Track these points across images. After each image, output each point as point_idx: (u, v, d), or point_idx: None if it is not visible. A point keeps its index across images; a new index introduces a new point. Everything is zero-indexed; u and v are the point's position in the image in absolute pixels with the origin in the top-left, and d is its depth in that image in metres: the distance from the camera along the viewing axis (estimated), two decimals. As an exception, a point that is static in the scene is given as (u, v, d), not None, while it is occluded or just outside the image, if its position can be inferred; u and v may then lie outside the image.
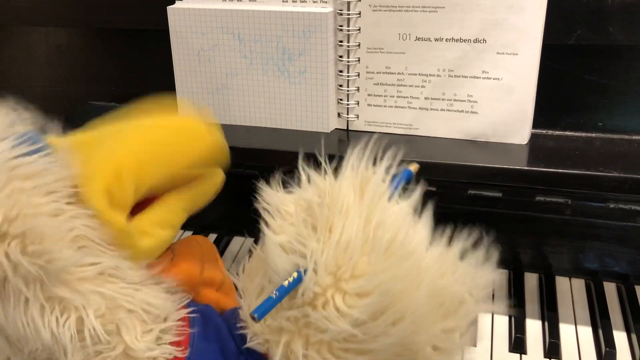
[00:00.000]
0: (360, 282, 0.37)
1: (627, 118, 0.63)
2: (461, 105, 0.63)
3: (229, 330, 0.43)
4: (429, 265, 0.39)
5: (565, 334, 0.62)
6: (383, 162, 0.43)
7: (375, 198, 0.40)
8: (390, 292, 0.36)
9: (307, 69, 0.65)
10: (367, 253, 0.38)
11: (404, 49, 0.63)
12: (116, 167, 0.39)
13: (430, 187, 0.66)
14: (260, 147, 0.66)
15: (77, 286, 0.37)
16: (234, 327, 0.43)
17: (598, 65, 0.62)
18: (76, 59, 0.78)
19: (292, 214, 0.40)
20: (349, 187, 0.40)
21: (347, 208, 0.39)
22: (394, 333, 0.37)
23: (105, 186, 0.39)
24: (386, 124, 0.67)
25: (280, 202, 0.41)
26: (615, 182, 0.57)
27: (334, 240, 0.38)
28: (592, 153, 0.61)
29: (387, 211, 0.40)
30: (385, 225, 0.39)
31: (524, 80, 0.60)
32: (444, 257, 0.41)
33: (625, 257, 0.67)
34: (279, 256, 0.39)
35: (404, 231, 0.39)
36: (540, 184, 0.60)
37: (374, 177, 0.41)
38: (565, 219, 0.66)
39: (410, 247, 0.39)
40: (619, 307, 0.66)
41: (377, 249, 0.38)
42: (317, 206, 0.39)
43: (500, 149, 0.63)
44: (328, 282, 0.37)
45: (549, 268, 0.70)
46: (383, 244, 0.38)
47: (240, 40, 0.66)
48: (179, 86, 0.71)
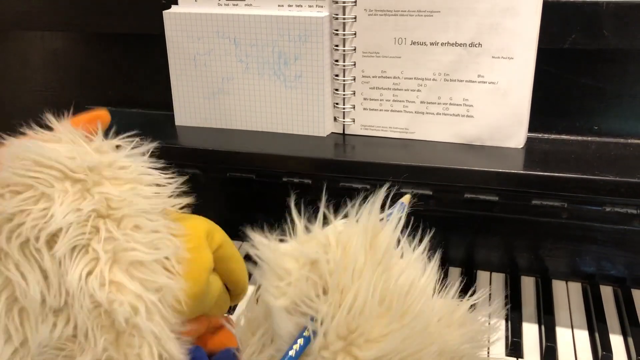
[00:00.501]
0: (376, 348, 0.34)
1: (623, 121, 0.63)
2: (457, 109, 0.63)
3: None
4: (443, 321, 0.38)
5: (561, 338, 0.62)
6: (393, 214, 0.40)
7: (389, 254, 0.38)
8: (404, 353, 0.35)
9: (303, 73, 0.65)
10: (382, 316, 0.35)
11: (399, 53, 0.63)
12: (210, 227, 0.47)
13: (426, 191, 0.67)
14: (257, 151, 0.66)
15: (136, 284, 0.39)
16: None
17: (593, 69, 0.62)
18: (72, 63, 0.78)
19: (291, 271, 0.37)
20: (359, 241, 0.37)
21: (360, 267, 0.36)
22: None
23: (205, 228, 0.46)
24: (382, 127, 0.67)
25: (276, 259, 0.38)
26: (611, 185, 0.57)
27: (347, 303, 0.35)
28: (588, 157, 0.61)
29: (401, 268, 0.38)
30: (401, 284, 0.36)
31: (519, 84, 0.60)
32: (453, 311, 0.39)
33: (622, 260, 0.67)
34: (283, 321, 0.36)
35: (417, 288, 0.37)
36: (536, 188, 0.60)
37: (385, 229, 0.38)
38: (561, 223, 0.66)
39: (424, 304, 0.37)
40: (616, 311, 0.66)
41: (394, 312, 0.35)
42: (324, 264, 0.36)
43: (496, 152, 0.63)
44: (339, 347, 0.35)
45: (545, 271, 0.70)
46: (400, 305, 0.36)
47: (236, 45, 0.66)
48: (174, 90, 0.71)
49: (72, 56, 0.78)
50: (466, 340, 0.38)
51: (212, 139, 0.69)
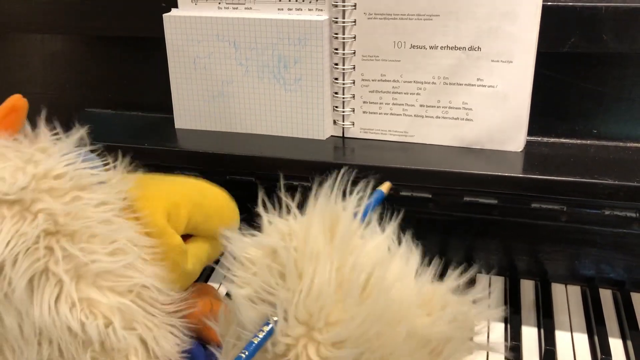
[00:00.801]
0: (336, 331, 0.34)
1: (622, 125, 0.64)
2: (456, 113, 0.63)
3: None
4: (409, 303, 0.37)
5: (561, 341, 0.62)
6: (353, 196, 0.40)
7: (347, 238, 0.37)
8: (366, 336, 0.34)
9: (302, 77, 0.65)
10: (341, 299, 0.35)
11: (399, 57, 0.63)
12: (175, 199, 0.46)
13: (425, 194, 0.67)
14: (256, 154, 0.66)
15: (107, 294, 0.39)
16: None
17: (592, 73, 0.62)
18: (72, 66, 0.78)
19: (255, 261, 0.38)
20: (318, 228, 0.37)
21: (317, 252, 0.36)
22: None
23: (166, 208, 0.44)
24: (381, 131, 0.67)
25: (241, 249, 0.38)
26: (610, 189, 0.57)
27: (305, 287, 0.35)
28: (587, 160, 0.61)
29: (361, 251, 0.37)
30: (359, 267, 0.36)
31: (518, 88, 0.60)
32: (430, 292, 0.38)
33: (621, 263, 0.67)
34: (246, 309, 0.36)
35: (379, 270, 0.36)
36: (536, 192, 0.60)
37: (344, 214, 0.38)
38: (561, 226, 0.66)
39: (386, 285, 0.36)
40: (615, 314, 0.66)
41: (351, 294, 0.35)
42: (284, 251, 0.36)
43: (495, 156, 0.63)
44: (300, 332, 0.35)
45: (545, 275, 0.70)
46: (357, 287, 0.35)
47: (236, 48, 0.66)
48: (174, 93, 0.71)
49: (72, 59, 0.78)
50: (446, 322, 0.37)
51: (211, 142, 0.69)
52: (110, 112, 0.78)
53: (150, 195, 0.45)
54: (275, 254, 0.37)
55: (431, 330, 0.37)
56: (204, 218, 0.48)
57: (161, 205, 0.44)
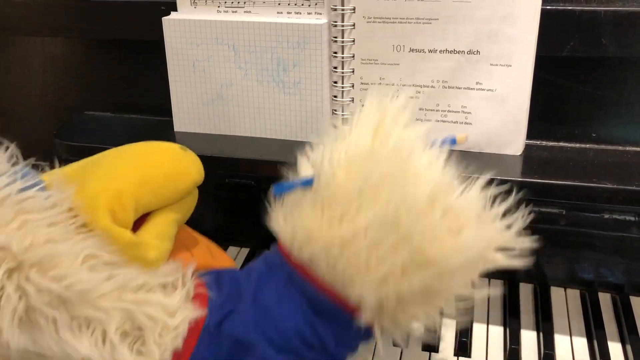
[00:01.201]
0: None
1: (621, 129, 0.64)
2: (455, 116, 0.63)
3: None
4: (429, 172, 0.42)
5: (560, 345, 0.62)
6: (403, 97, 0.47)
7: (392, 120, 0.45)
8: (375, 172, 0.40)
9: (301, 80, 0.65)
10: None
11: (398, 60, 0.63)
12: (116, 190, 0.43)
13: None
14: (256, 157, 0.66)
15: (100, 303, 0.39)
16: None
17: (591, 77, 0.62)
18: (72, 69, 0.78)
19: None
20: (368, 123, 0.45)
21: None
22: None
23: (108, 207, 0.42)
24: (381, 134, 0.67)
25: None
26: (609, 193, 0.57)
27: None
28: (586, 164, 0.61)
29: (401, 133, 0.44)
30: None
31: (517, 92, 0.60)
32: (459, 186, 0.43)
33: (621, 267, 0.67)
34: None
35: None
36: (535, 195, 0.60)
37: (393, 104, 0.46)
38: (559, 229, 0.65)
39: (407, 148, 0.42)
40: (614, 318, 0.65)
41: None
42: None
43: (494, 159, 0.63)
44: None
45: (543, 278, 0.70)
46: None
47: (235, 51, 0.66)
48: (173, 96, 0.71)
49: (72, 62, 0.78)
50: (469, 204, 0.41)
51: (210, 145, 0.69)
52: (110, 115, 0.78)
53: (89, 194, 0.43)
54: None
55: (451, 203, 0.40)
56: (154, 193, 0.46)
57: (100, 203, 0.42)
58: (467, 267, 0.40)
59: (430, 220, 0.38)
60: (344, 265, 0.40)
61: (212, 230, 0.80)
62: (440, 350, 0.62)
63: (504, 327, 0.65)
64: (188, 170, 0.49)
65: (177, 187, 0.48)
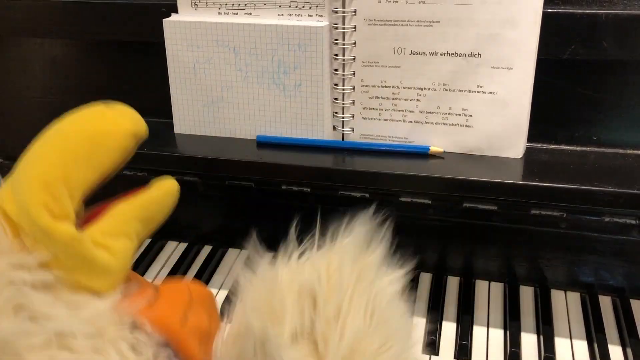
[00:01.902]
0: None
1: (622, 132, 0.64)
2: (456, 119, 0.63)
3: None
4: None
5: (560, 348, 0.62)
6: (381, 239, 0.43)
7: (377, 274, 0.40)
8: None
9: (302, 82, 0.65)
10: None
11: (399, 63, 0.63)
12: (41, 180, 0.36)
13: (425, 200, 0.67)
14: (256, 160, 0.66)
15: (26, 356, 0.34)
16: None
17: (592, 80, 0.62)
18: (71, 70, 0.78)
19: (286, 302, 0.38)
20: (348, 266, 0.39)
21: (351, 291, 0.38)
22: None
23: (41, 201, 0.36)
24: (381, 137, 0.67)
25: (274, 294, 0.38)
26: (610, 196, 0.57)
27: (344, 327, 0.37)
28: (587, 167, 0.61)
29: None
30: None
31: (518, 95, 0.60)
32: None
33: (621, 270, 0.67)
34: (288, 352, 0.36)
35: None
36: (535, 199, 0.60)
37: (373, 258, 0.41)
38: (560, 232, 0.66)
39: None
40: (615, 321, 0.65)
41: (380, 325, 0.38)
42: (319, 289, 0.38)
43: (495, 162, 0.63)
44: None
45: (544, 281, 0.70)
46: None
47: (235, 54, 0.66)
48: (174, 98, 0.71)
49: (72, 64, 0.78)
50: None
51: (211, 147, 0.69)
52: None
53: (18, 196, 0.36)
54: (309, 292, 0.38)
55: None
56: (84, 164, 0.38)
57: (33, 200, 0.36)
58: None
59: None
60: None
61: (212, 232, 0.80)
62: (440, 353, 0.62)
63: (504, 330, 0.65)
64: (117, 122, 0.40)
65: (110, 146, 0.39)
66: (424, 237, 0.71)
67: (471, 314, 0.66)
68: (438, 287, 0.70)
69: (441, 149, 0.64)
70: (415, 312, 0.67)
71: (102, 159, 0.39)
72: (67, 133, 0.39)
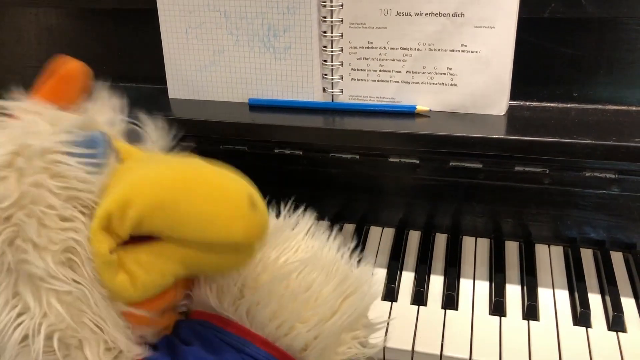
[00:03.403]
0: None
1: (601, 89, 0.66)
2: (441, 78, 0.65)
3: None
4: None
5: (543, 297, 0.65)
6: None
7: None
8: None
9: (292, 45, 0.67)
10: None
11: (385, 24, 0.65)
12: (127, 197, 0.36)
13: (413, 160, 0.69)
14: (248, 121, 0.68)
15: (44, 296, 0.37)
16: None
17: (572, 38, 0.64)
18: (67, 39, 0.79)
19: None
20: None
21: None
22: None
23: (107, 210, 0.36)
24: (370, 97, 0.69)
25: None
26: (588, 148, 0.59)
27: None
28: (567, 122, 0.63)
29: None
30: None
31: (501, 53, 0.62)
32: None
33: (602, 224, 0.69)
34: None
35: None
36: (518, 152, 0.62)
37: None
38: (544, 188, 0.68)
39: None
40: (595, 272, 0.68)
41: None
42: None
43: (479, 120, 0.65)
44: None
45: (529, 236, 0.72)
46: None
47: (226, 18, 0.68)
48: (167, 64, 0.72)
49: (67, 32, 0.79)
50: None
51: (204, 111, 0.71)
52: (105, 85, 0.80)
53: (110, 191, 0.38)
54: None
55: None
56: (171, 222, 0.37)
57: (105, 205, 0.37)
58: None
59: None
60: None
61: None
62: (427, 304, 0.65)
63: (489, 282, 0.67)
64: (232, 224, 0.38)
65: (205, 234, 0.37)
66: (412, 197, 0.73)
67: (458, 267, 0.69)
68: (426, 244, 0.73)
69: (427, 108, 0.66)
70: (404, 267, 0.70)
71: (188, 233, 0.38)
72: (192, 192, 0.37)
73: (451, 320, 0.63)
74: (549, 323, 0.62)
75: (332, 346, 0.44)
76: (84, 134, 0.39)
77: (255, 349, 0.41)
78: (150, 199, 0.36)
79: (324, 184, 0.75)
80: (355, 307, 0.45)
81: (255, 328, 0.43)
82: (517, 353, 0.59)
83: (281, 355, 0.42)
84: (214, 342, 0.41)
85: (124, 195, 0.36)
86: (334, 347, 0.44)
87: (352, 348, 0.45)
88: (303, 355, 0.43)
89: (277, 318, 0.43)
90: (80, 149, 0.38)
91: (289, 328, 0.42)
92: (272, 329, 0.42)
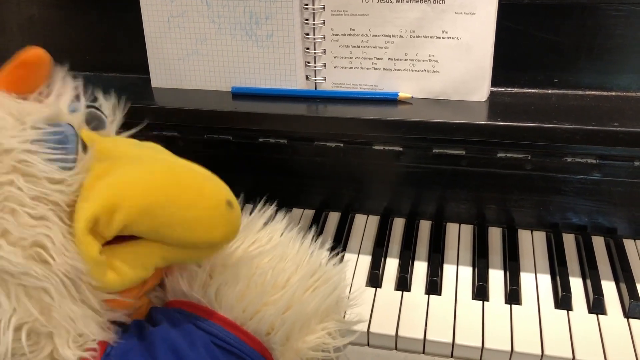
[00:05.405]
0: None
1: (581, 74, 0.66)
2: (423, 65, 0.66)
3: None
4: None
5: (525, 282, 0.65)
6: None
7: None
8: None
9: (274, 33, 0.67)
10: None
11: (367, 11, 0.65)
12: (114, 202, 0.38)
13: (397, 147, 0.69)
14: (231, 109, 0.68)
15: (13, 290, 0.37)
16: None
17: (552, 24, 0.65)
18: (49, 29, 0.79)
19: None
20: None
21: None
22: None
23: (94, 214, 0.38)
24: (352, 85, 0.69)
25: None
26: (568, 133, 0.60)
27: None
28: (548, 108, 0.64)
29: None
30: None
31: (481, 39, 0.63)
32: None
33: (583, 209, 0.70)
34: None
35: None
36: (499, 138, 0.62)
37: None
38: (526, 174, 0.68)
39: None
40: (577, 256, 0.69)
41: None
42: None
43: (461, 106, 0.65)
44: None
45: (511, 222, 0.73)
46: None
47: (208, 6, 0.68)
48: (150, 53, 0.72)
49: (49, 22, 0.79)
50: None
51: (187, 100, 0.71)
52: (88, 75, 0.80)
53: (90, 192, 0.39)
54: None
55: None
56: (156, 226, 0.39)
57: (91, 207, 0.37)
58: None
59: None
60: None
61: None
62: (411, 289, 0.65)
63: (472, 267, 0.68)
64: (214, 227, 0.40)
65: (188, 237, 0.40)
66: (396, 184, 0.74)
67: (441, 253, 0.69)
68: (410, 231, 0.73)
69: (409, 95, 0.67)
70: (389, 254, 0.70)
71: (170, 237, 0.40)
72: (177, 197, 0.39)
73: (435, 305, 0.63)
74: (531, 307, 0.62)
75: (299, 334, 0.45)
76: (52, 130, 0.39)
77: (224, 332, 0.42)
78: (138, 204, 0.38)
79: (308, 173, 0.75)
80: (324, 298, 0.46)
81: (224, 311, 0.44)
82: (499, 336, 0.59)
83: (248, 338, 0.43)
84: (183, 324, 0.42)
85: (111, 199, 0.38)
86: (301, 335, 0.45)
87: (321, 338, 0.46)
88: (268, 338, 0.44)
89: (244, 299, 0.44)
90: (50, 149, 0.39)
91: (255, 311, 0.43)
92: (239, 311, 0.43)
